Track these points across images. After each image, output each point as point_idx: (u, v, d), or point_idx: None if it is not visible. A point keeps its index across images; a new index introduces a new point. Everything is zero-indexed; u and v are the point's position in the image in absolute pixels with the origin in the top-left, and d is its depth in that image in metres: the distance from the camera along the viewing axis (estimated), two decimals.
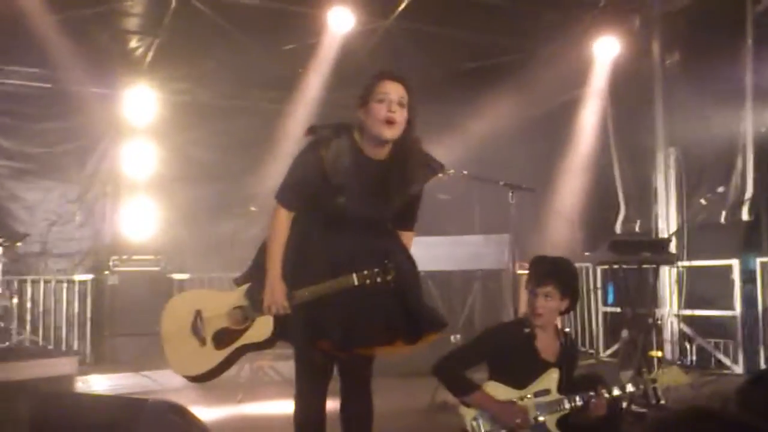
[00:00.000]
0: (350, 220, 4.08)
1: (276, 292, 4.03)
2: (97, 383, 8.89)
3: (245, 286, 4.19)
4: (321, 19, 9.81)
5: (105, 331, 10.09)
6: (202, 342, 4.20)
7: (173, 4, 9.58)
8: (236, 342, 4.15)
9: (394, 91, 4.01)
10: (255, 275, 4.17)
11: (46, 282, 10.54)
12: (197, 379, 4.28)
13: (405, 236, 4.37)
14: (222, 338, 4.17)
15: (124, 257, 10.32)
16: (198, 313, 4.24)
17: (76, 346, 10.32)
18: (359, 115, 4.07)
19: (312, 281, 4.00)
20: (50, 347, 10.16)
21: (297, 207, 4.14)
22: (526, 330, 4.65)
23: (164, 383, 8.18)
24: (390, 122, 3.97)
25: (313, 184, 4.04)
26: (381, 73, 4.07)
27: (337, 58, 10.32)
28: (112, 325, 10.04)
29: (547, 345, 4.68)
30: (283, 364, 8.57)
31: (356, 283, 3.92)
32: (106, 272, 10.19)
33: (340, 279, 3.95)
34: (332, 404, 4.28)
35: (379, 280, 3.91)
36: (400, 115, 4.00)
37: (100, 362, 9.99)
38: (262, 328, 4.11)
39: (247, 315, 4.14)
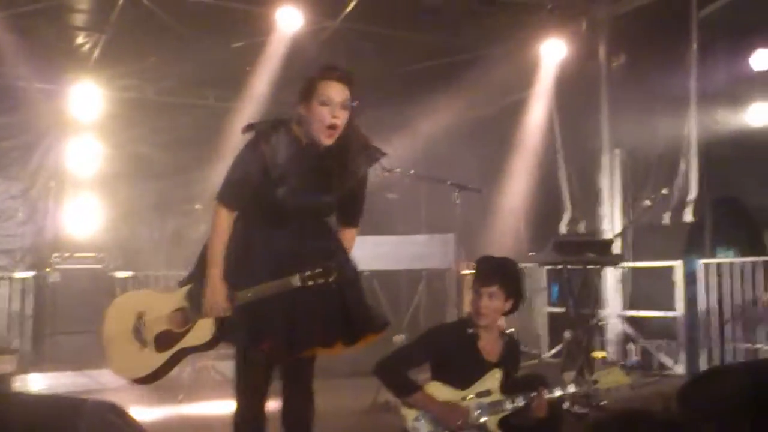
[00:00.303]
0: (292, 214, 4.04)
1: (217, 293, 3.98)
2: (36, 382, 8.78)
3: (186, 288, 4.14)
4: (269, 17, 9.74)
5: (46, 329, 9.94)
6: (144, 344, 4.14)
7: (120, 0, 9.47)
8: (177, 345, 4.10)
9: (337, 94, 3.96)
10: (197, 276, 4.12)
11: None
12: (138, 381, 4.22)
13: (348, 234, 4.34)
14: (163, 341, 4.12)
15: (67, 255, 10.18)
16: (140, 315, 4.18)
17: (16, 344, 10.13)
18: (299, 109, 4.03)
19: (254, 282, 3.96)
20: None
21: (239, 206, 4.09)
22: (470, 330, 4.65)
23: (105, 382, 8.07)
24: (332, 128, 3.95)
25: (255, 180, 4.00)
26: (326, 71, 4.02)
27: (286, 56, 10.26)
28: (53, 323, 9.89)
29: (489, 345, 4.69)
30: (226, 363, 8.51)
31: (299, 284, 3.89)
32: (48, 269, 10.04)
33: (283, 280, 3.91)
34: (273, 404, 4.26)
35: (321, 281, 3.89)
36: (342, 119, 3.97)
37: (40, 361, 9.81)
38: (203, 330, 4.06)
39: (188, 317, 4.09)
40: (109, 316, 4.30)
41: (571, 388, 4.60)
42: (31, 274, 10.44)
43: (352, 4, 9.89)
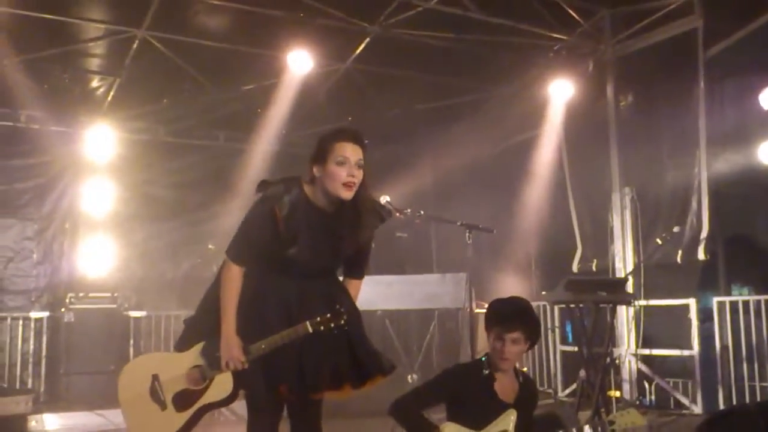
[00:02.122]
0: (301, 270, 4.14)
1: (232, 347, 4.04)
2: (51, 422, 8.77)
3: (199, 346, 4.18)
4: (280, 60, 9.85)
5: (60, 368, 9.92)
6: (163, 406, 4.19)
7: (134, 45, 9.61)
8: (197, 402, 4.16)
9: (352, 154, 4.07)
10: (205, 329, 4.17)
11: (2, 319, 10.40)
12: None
13: (354, 284, 4.46)
14: (182, 400, 4.17)
15: (81, 294, 10.19)
16: (155, 378, 4.23)
17: (30, 384, 10.16)
18: (314, 171, 4.12)
19: (266, 333, 4.03)
20: (4, 385, 9.99)
21: (249, 263, 4.16)
22: (485, 371, 4.66)
23: (119, 423, 8.02)
24: (349, 186, 4.04)
25: (266, 240, 4.08)
26: (339, 134, 4.13)
27: (296, 98, 10.37)
28: (67, 362, 9.88)
29: (505, 386, 4.69)
30: (238, 403, 8.50)
31: (311, 330, 3.97)
32: (63, 309, 10.06)
33: (294, 328, 3.99)
34: None
35: (332, 325, 3.97)
36: (359, 177, 4.07)
37: (54, 401, 9.82)
38: (222, 385, 4.12)
39: (205, 374, 4.14)
40: (123, 382, 4.34)
41: (588, 430, 4.59)
42: (45, 314, 10.47)
43: (362, 47, 10.01)
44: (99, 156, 11.17)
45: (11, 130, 10.93)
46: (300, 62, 9.85)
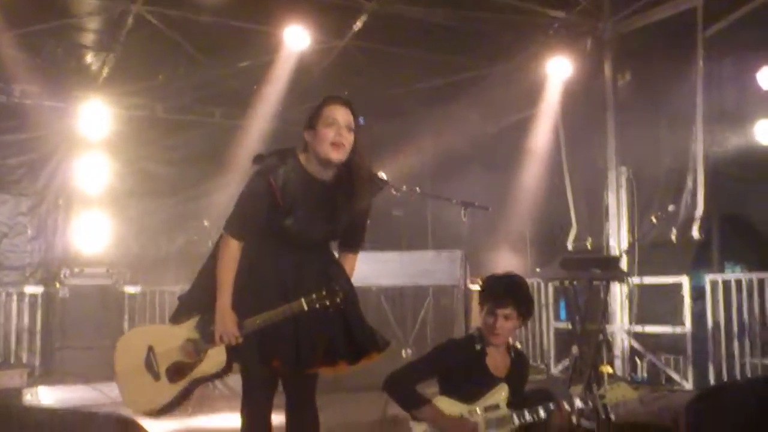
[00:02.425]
0: (297, 241, 4.16)
1: (227, 322, 4.05)
2: (46, 396, 8.79)
3: (195, 319, 4.20)
4: (277, 37, 9.83)
5: (55, 343, 9.94)
6: (156, 377, 4.20)
7: (129, 20, 9.57)
8: (190, 375, 4.17)
9: (341, 115, 4.11)
10: (203, 305, 4.19)
11: None
12: (154, 414, 4.27)
13: (349, 258, 4.48)
14: (176, 372, 4.18)
15: (76, 270, 10.19)
16: (150, 349, 4.24)
17: (25, 359, 10.17)
18: (306, 137, 4.16)
19: (261, 308, 4.04)
20: None
21: (247, 237, 4.17)
22: (478, 346, 4.69)
23: (114, 396, 7.98)
24: (337, 146, 4.06)
25: (263, 213, 4.11)
26: (329, 98, 4.18)
27: (293, 75, 10.34)
28: (62, 337, 9.90)
29: (497, 361, 4.72)
30: (233, 377, 8.53)
31: (306, 308, 3.97)
32: (57, 285, 10.06)
33: (290, 305, 3.99)
34: (280, 419, 4.31)
35: (328, 303, 3.97)
36: (348, 139, 4.10)
37: (49, 375, 9.84)
38: (215, 358, 4.13)
39: (199, 347, 4.15)
40: (119, 352, 4.37)
41: (579, 403, 4.62)
42: (40, 289, 10.45)
43: (359, 23, 9.97)
44: (93, 132, 11.13)
45: (5, 105, 10.87)
46: (297, 39, 9.81)
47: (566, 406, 4.51)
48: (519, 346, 6.56)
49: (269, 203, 4.08)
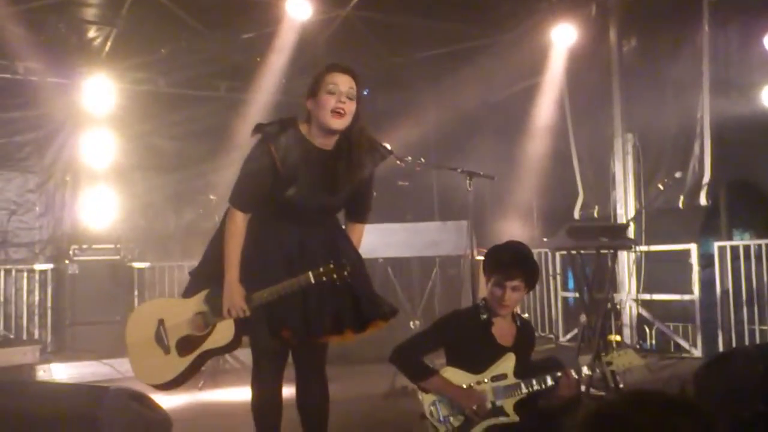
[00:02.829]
0: (301, 212, 4.15)
1: (235, 295, 4.08)
2: (59, 372, 8.89)
3: (204, 293, 4.23)
4: (279, 8, 9.77)
5: (66, 319, 10.00)
6: (166, 350, 4.25)
7: None
8: (199, 348, 4.20)
9: (343, 83, 4.07)
10: (212, 278, 4.20)
11: (7, 272, 10.43)
12: (163, 387, 4.32)
13: (356, 228, 4.48)
14: (185, 345, 4.22)
15: (84, 246, 10.23)
16: (161, 322, 4.28)
17: (36, 335, 10.26)
18: (308, 105, 4.14)
19: (268, 281, 4.05)
20: (11, 336, 10.07)
21: (252, 209, 4.18)
22: (483, 316, 4.69)
23: (125, 371, 8.11)
24: (339, 113, 4.04)
25: (266, 182, 4.10)
26: (331, 65, 4.15)
27: (296, 46, 10.30)
28: (72, 314, 9.94)
29: (503, 330, 4.72)
30: (243, 352, 8.58)
31: (313, 281, 3.98)
32: (66, 261, 10.10)
33: (297, 278, 4.00)
34: (291, 392, 4.33)
35: (335, 276, 3.97)
36: (349, 107, 4.07)
37: (61, 351, 9.94)
38: (224, 332, 4.16)
39: (208, 321, 4.19)
40: (130, 325, 4.42)
41: (586, 371, 4.63)
42: (49, 266, 10.54)
43: None
44: (98, 107, 11.06)
45: (9, 82, 10.83)
46: (299, 9, 9.76)
47: (574, 374, 4.51)
48: (526, 316, 6.57)
49: (271, 171, 4.07)
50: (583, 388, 6.05)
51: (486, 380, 4.54)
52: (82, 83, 11.00)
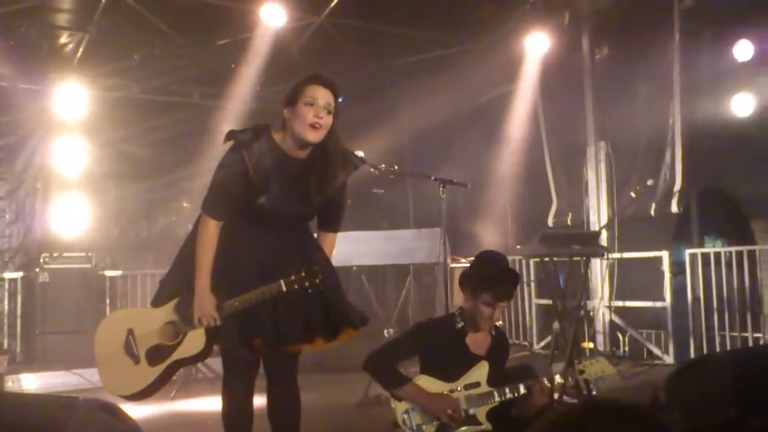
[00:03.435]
0: (272, 220, 4.14)
1: (205, 304, 4.05)
2: (28, 382, 8.81)
3: (174, 302, 4.20)
4: (253, 14, 9.74)
5: (36, 329, 9.89)
6: (136, 360, 4.21)
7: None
8: (169, 358, 4.17)
9: (322, 96, 4.06)
10: (182, 287, 4.17)
11: None
12: (133, 397, 4.26)
13: (328, 237, 4.45)
14: (155, 355, 4.18)
15: (55, 254, 10.13)
16: (130, 332, 4.24)
17: (6, 345, 10.13)
18: (285, 113, 4.12)
19: (239, 290, 4.03)
20: None
21: (224, 216, 4.15)
22: (459, 325, 4.69)
23: (96, 381, 7.96)
24: (315, 127, 4.02)
25: (238, 189, 4.07)
26: (312, 77, 4.13)
27: (270, 53, 10.28)
28: (43, 323, 9.84)
29: (477, 339, 4.72)
30: (215, 360, 8.55)
31: (285, 289, 3.96)
32: (37, 269, 10.00)
33: (268, 287, 3.98)
34: (262, 401, 4.31)
35: (306, 284, 3.95)
36: (326, 121, 4.06)
37: (30, 361, 9.83)
38: (194, 341, 4.13)
39: (179, 330, 4.16)
40: (99, 336, 4.37)
41: (558, 379, 4.63)
42: (19, 274, 10.42)
43: (336, 0, 9.90)
44: (70, 114, 10.96)
45: None
46: (273, 15, 9.74)
47: (546, 383, 4.51)
48: (500, 324, 6.58)
49: (243, 178, 4.05)
50: (556, 395, 6.04)
51: (459, 388, 4.54)
52: (53, 89, 10.89)
